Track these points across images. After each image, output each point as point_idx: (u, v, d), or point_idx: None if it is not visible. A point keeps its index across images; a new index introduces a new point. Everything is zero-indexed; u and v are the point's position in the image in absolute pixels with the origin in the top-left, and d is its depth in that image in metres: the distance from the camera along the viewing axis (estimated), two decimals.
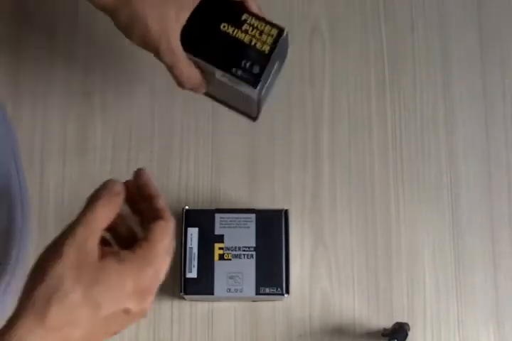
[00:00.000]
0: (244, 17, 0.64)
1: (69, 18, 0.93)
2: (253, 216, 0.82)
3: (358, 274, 0.87)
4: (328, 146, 0.91)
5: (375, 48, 0.94)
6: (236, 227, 0.82)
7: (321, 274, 0.87)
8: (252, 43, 0.64)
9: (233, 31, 0.64)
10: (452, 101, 0.93)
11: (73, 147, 0.90)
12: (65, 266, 0.50)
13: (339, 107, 0.92)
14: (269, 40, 0.64)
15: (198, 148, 0.91)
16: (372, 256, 0.88)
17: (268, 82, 0.67)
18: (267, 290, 0.80)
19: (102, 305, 0.50)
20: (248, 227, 0.82)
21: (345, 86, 0.93)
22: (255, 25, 0.64)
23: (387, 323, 0.84)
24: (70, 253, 0.50)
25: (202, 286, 0.80)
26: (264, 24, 0.64)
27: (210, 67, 0.66)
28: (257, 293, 0.80)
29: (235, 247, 0.81)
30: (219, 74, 0.65)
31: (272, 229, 0.82)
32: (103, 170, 0.89)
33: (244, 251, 0.81)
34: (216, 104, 0.77)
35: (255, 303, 0.85)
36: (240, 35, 0.64)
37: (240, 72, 0.64)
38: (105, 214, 0.53)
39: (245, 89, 0.65)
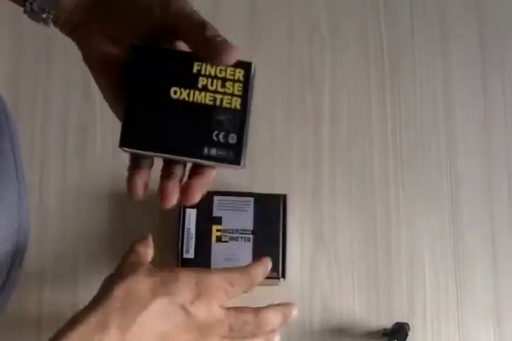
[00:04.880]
0: (195, 68, 0.47)
1: None
2: (251, 199, 0.82)
3: (358, 274, 0.87)
4: (328, 146, 0.91)
5: (375, 48, 0.94)
6: (234, 210, 0.81)
7: (321, 274, 0.87)
8: (217, 103, 0.47)
9: (189, 94, 0.47)
10: (452, 101, 0.93)
11: (73, 147, 0.90)
12: None
13: (339, 107, 0.92)
14: (237, 88, 0.47)
15: None
16: (372, 256, 0.88)
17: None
18: None
19: None
20: (246, 211, 0.82)
21: (345, 86, 0.93)
22: (212, 73, 0.47)
23: (387, 323, 0.84)
24: None
25: (199, 267, 0.80)
26: (222, 67, 0.47)
27: (171, 157, 0.49)
28: None
29: (233, 230, 0.81)
30: (186, 159, 0.49)
31: (270, 213, 0.81)
32: (103, 171, 0.89)
33: (241, 234, 0.81)
34: None
35: (255, 303, 0.85)
36: (200, 97, 0.47)
37: (213, 151, 0.48)
38: None
39: (226, 166, 0.50)
